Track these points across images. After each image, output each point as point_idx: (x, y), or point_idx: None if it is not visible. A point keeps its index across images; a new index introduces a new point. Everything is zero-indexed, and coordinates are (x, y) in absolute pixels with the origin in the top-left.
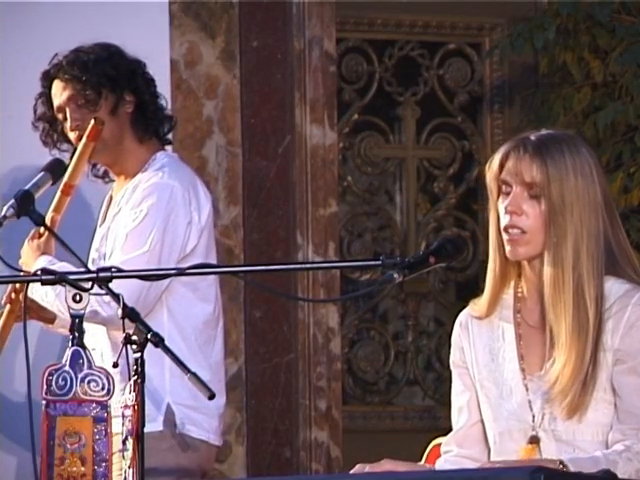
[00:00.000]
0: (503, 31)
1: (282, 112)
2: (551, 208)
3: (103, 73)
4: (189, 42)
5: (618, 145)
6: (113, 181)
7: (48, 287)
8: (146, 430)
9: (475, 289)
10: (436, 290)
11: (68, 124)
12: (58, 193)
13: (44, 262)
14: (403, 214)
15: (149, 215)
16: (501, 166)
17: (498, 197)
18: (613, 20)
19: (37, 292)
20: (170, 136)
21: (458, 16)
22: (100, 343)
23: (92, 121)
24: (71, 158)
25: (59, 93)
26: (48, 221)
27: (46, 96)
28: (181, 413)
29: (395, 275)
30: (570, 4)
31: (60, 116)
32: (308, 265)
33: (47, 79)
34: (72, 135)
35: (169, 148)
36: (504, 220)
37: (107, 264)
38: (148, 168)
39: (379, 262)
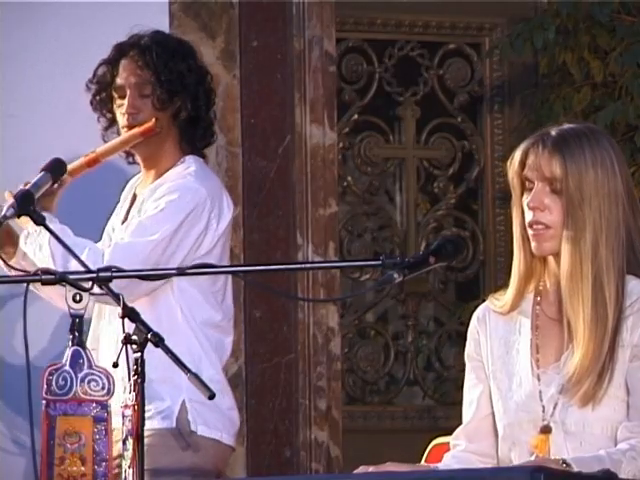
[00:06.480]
0: (503, 31)
1: (282, 112)
2: (569, 202)
3: (179, 80)
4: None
5: (618, 145)
6: (137, 164)
7: (44, 243)
8: None
9: (475, 289)
10: (436, 290)
11: (124, 108)
12: (82, 158)
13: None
14: (403, 214)
15: (166, 209)
16: (522, 163)
17: (522, 193)
18: (613, 20)
19: (30, 244)
20: None
21: (458, 16)
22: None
23: (153, 120)
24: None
25: (127, 74)
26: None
27: (112, 66)
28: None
29: (395, 275)
30: (570, 4)
31: (116, 94)
32: (308, 265)
33: (119, 52)
34: (121, 119)
35: None
36: (528, 216)
37: (112, 242)
38: (176, 169)
39: (379, 262)
